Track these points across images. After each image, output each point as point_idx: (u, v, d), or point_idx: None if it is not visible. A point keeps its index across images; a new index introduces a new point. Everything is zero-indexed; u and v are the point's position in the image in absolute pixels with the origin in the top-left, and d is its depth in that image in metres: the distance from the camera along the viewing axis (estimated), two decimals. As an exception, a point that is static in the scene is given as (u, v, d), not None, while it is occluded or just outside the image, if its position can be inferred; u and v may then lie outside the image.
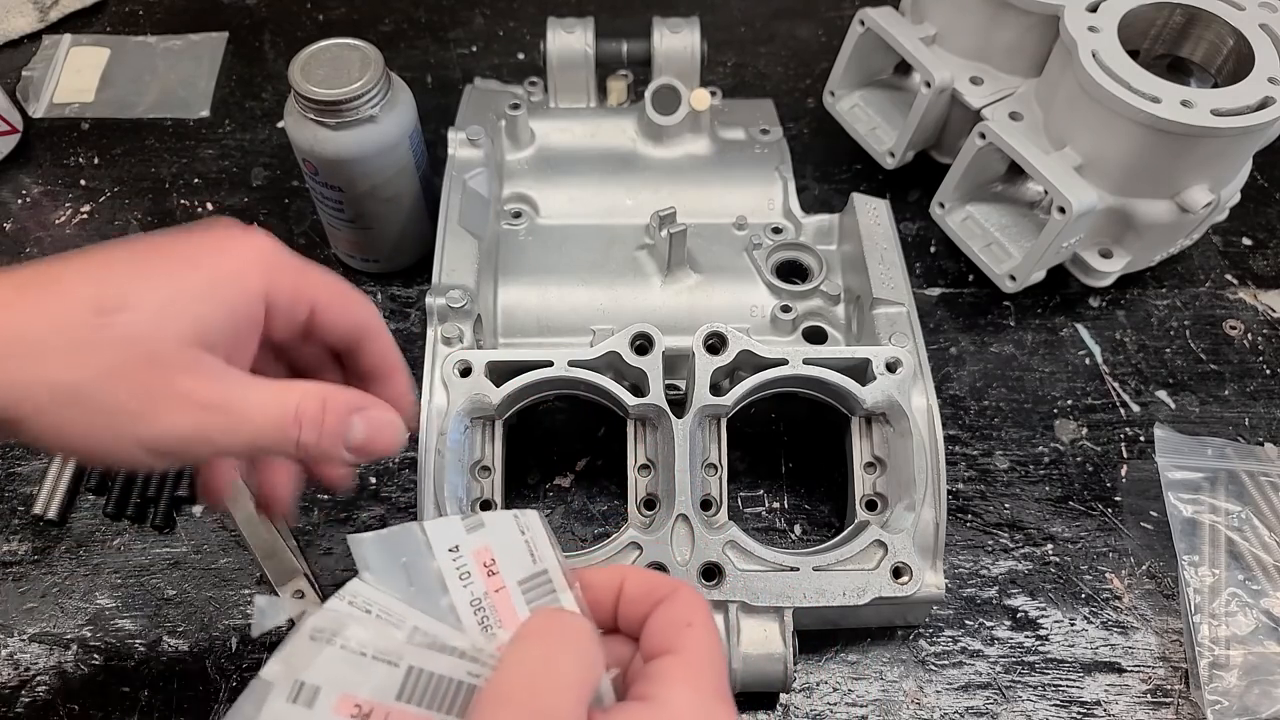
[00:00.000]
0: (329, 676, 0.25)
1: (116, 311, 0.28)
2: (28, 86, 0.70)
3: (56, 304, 0.28)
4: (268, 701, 0.24)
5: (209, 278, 0.30)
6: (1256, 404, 0.56)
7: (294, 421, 0.30)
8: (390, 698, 0.25)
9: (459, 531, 0.29)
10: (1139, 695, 0.46)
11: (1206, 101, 0.49)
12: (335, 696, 0.25)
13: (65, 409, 0.28)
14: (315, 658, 0.25)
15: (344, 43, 0.52)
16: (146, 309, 0.29)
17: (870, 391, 0.45)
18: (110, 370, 0.28)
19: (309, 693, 0.24)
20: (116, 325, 0.28)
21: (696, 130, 0.60)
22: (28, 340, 0.28)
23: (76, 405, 0.28)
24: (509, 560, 0.29)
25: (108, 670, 0.46)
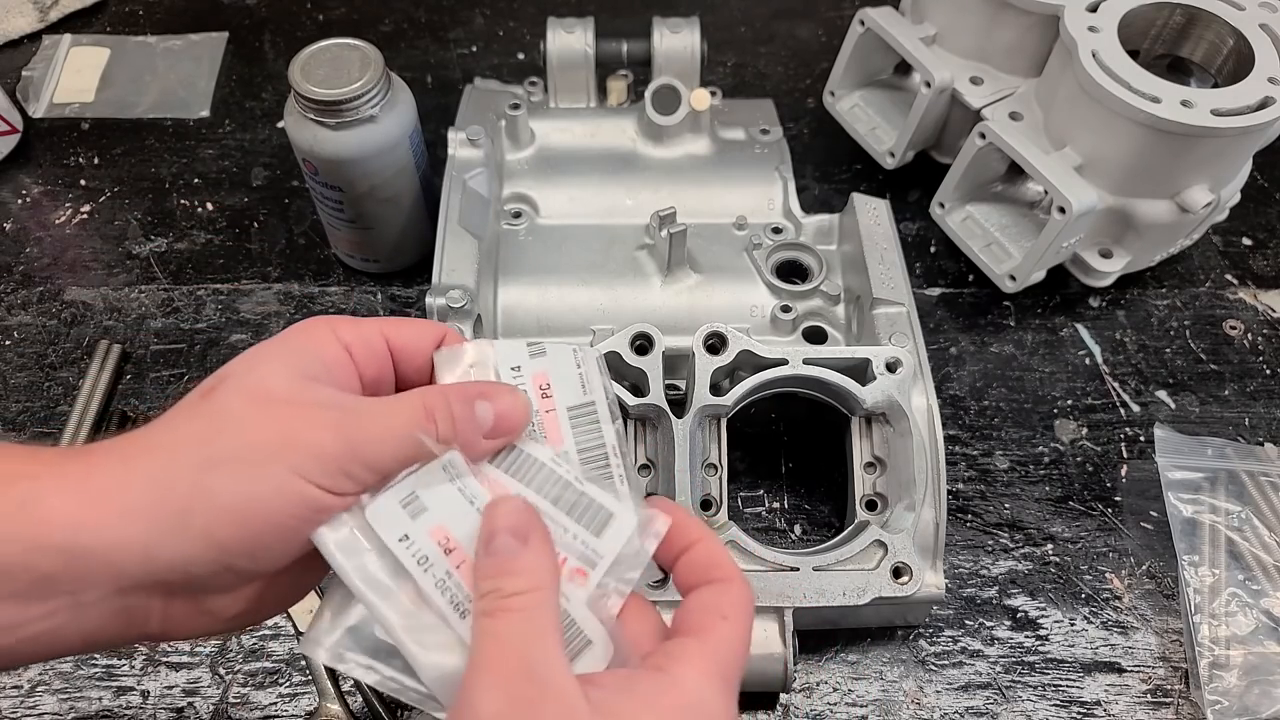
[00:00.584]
0: (439, 504, 0.28)
1: (217, 385, 0.28)
2: (28, 86, 0.70)
3: (164, 421, 0.28)
4: (382, 495, 0.28)
5: (280, 341, 0.30)
6: (1256, 404, 0.56)
7: (427, 417, 0.29)
8: (471, 550, 0.28)
9: (523, 354, 0.33)
10: (1139, 695, 0.46)
11: (1206, 101, 0.49)
12: (434, 523, 0.28)
13: (212, 478, 0.26)
14: (436, 485, 0.29)
15: (344, 43, 0.52)
16: (237, 369, 0.29)
17: (870, 391, 0.45)
18: (237, 422, 0.27)
19: (417, 507, 0.28)
20: (218, 395, 0.28)
21: (696, 130, 0.60)
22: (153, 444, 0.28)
23: (220, 469, 0.27)
24: (562, 387, 0.32)
25: (108, 670, 0.46)
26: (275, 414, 0.27)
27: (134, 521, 0.26)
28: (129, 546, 0.26)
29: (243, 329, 0.59)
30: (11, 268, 0.61)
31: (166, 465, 0.27)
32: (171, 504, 0.26)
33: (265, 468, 0.27)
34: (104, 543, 0.26)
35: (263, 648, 0.47)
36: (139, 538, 0.26)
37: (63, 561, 0.26)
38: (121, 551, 0.26)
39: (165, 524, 0.26)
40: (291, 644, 0.47)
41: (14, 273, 0.61)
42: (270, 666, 0.47)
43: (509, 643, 0.26)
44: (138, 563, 0.26)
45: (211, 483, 0.26)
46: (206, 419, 0.28)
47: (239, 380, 0.28)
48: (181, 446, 0.27)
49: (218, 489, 0.26)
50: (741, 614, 0.29)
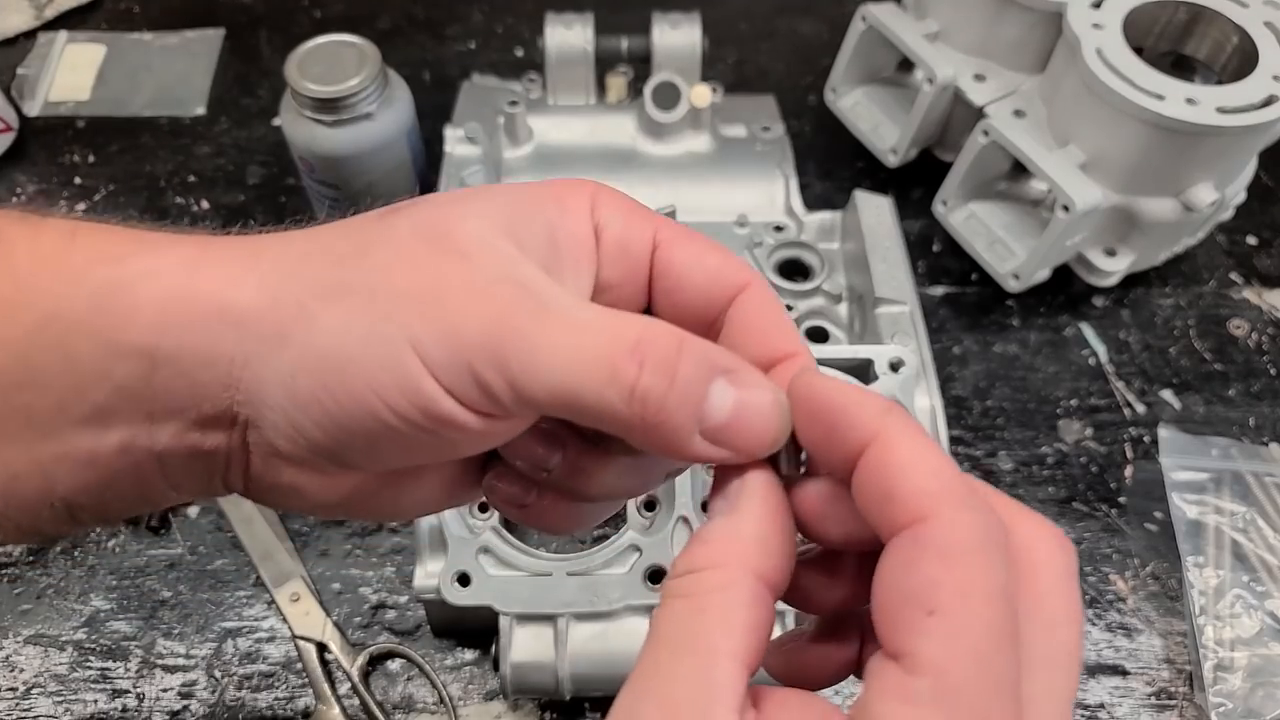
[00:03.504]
0: None
1: (397, 209, 0.21)
2: (23, 84, 0.70)
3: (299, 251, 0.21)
4: None
5: (516, 189, 0.22)
6: (1261, 404, 0.56)
7: (632, 354, 0.19)
8: None
9: None
10: (1143, 698, 0.46)
11: (1211, 99, 0.49)
12: None
13: (323, 309, 0.19)
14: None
15: (341, 39, 0.51)
16: (437, 198, 0.21)
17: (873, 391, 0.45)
18: (377, 255, 0.20)
19: None
20: (390, 217, 0.21)
21: (697, 127, 0.59)
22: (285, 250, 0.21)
23: (338, 303, 0.19)
24: None
25: (103, 673, 0.46)
26: (437, 262, 0.20)
27: (228, 330, 0.20)
28: (216, 362, 0.20)
29: (239, 328, 0.58)
30: (6, 266, 0.61)
31: (288, 274, 0.20)
32: (272, 322, 0.20)
33: (382, 324, 0.19)
34: (190, 352, 0.20)
35: (259, 651, 0.47)
36: (227, 351, 0.20)
37: (142, 371, 0.20)
38: (207, 369, 0.20)
39: (257, 345, 0.20)
40: (288, 647, 0.47)
41: (8, 271, 0.61)
42: (266, 669, 0.46)
43: (657, 642, 0.18)
44: (220, 385, 0.20)
45: (319, 314, 0.20)
46: (359, 237, 0.21)
47: (425, 210, 0.21)
48: (315, 258, 0.20)
49: (321, 324, 0.20)
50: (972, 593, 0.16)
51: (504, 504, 0.24)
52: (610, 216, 0.22)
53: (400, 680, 0.46)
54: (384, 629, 0.47)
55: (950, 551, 0.17)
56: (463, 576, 0.42)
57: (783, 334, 0.22)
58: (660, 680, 0.18)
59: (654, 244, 0.22)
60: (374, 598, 0.48)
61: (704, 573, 0.19)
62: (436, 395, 0.19)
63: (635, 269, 0.22)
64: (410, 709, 0.45)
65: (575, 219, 0.22)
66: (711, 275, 0.22)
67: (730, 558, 0.19)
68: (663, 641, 0.18)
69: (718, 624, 0.18)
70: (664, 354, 0.19)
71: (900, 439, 0.18)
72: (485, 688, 0.46)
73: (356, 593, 0.48)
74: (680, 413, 0.19)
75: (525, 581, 0.42)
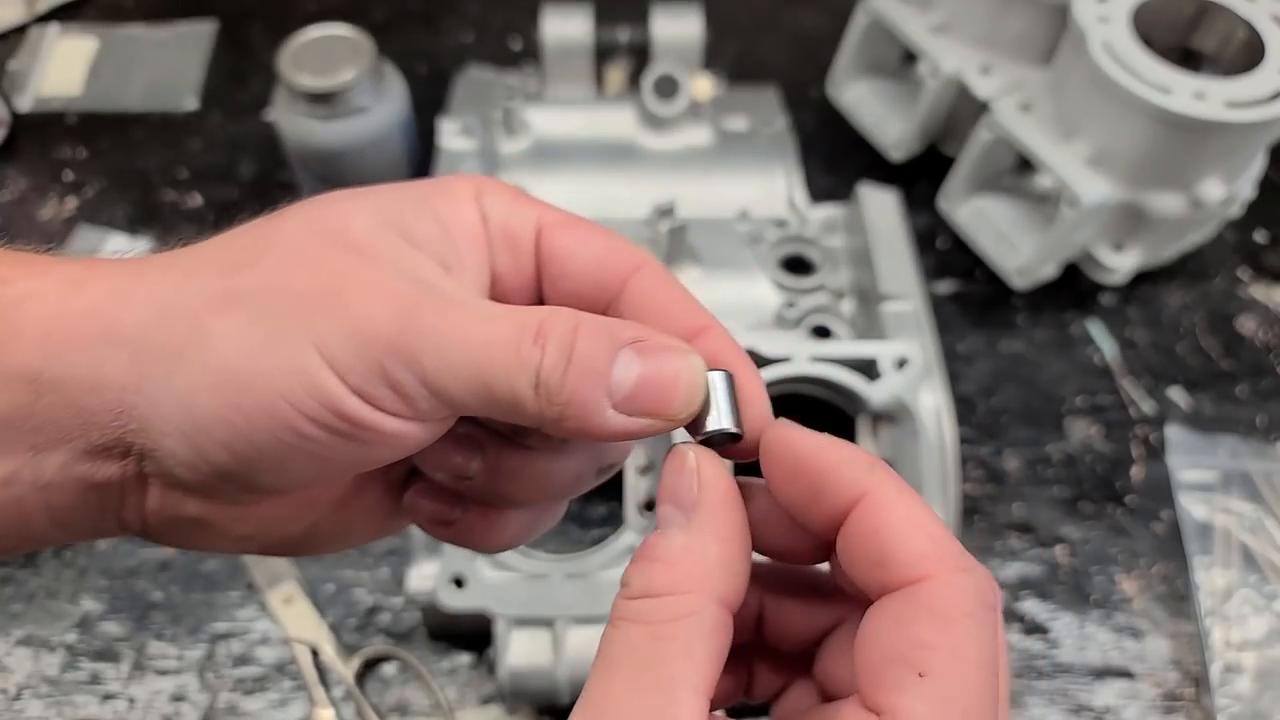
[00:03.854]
0: None
1: (284, 212, 0.20)
2: (14, 79, 0.69)
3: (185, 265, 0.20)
4: None
5: (402, 186, 0.21)
6: (1270, 402, 0.55)
7: (535, 339, 0.18)
8: None
9: None
10: (1151, 701, 0.45)
11: (1219, 93, 0.48)
12: None
13: (214, 322, 0.18)
14: None
15: (334, 31, 0.50)
16: (324, 198, 0.21)
17: (878, 389, 0.44)
18: (270, 258, 0.19)
19: None
20: (279, 220, 0.20)
21: (697, 120, 0.58)
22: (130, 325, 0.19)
23: (227, 315, 0.18)
24: None
25: (94, 676, 0.45)
26: (334, 261, 0.19)
27: (116, 352, 0.19)
28: (104, 387, 0.19)
29: (232, 325, 0.57)
30: (-4, 262, 0.60)
31: (176, 288, 0.19)
32: (163, 341, 0.19)
33: (283, 328, 0.18)
34: (77, 376, 0.19)
35: (252, 653, 0.46)
36: (117, 376, 0.19)
37: (27, 396, 0.19)
38: (95, 394, 0.19)
39: (149, 366, 0.19)
40: (281, 650, 0.46)
41: None
42: (259, 673, 0.45)
43: (611, 666, 0.18)
44: (110, 413, 0.19)
45: (213, 326, 0.18)
46: (248, 243, 0.20)
47: (315, 210, 0.21)
48: (204, 270, 0.19)
49: (216, 336, 0.18)
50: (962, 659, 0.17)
51: (429, 523, 0.23)
52: (493, 205, 0.21)
53: (395, 684, 0.45)
54: (378, 632, 0.47)
55: (946, 615, 0.17)
56: (458, 579, 0.42)
57: (686, 310, 0.21)
58: (617, 713, 0.17)
59: (538, 230, 0.22)
60: (368, 600, 0.47)
61: (665, 599, 0.18)
62: (347, 398, 0.18)
63: (522, 257, 0.22)
64: (406, 713, 0.45)
65: (463, 210, 0.21)
66: (599, 259, 0.21)
67: (694, 583, 0.18)
68: (617, 669, 0.17)
69: (680, 655, 0.17)
70: (562, 333, 0.19)
71: (891, 500, 0.18)
72: (481, 691, 0.45)
73: (350, 595, 0.47)
74: (584, 387, 0.18)
75: (522, 584, 0.42)
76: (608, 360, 0.19)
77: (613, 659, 0.18)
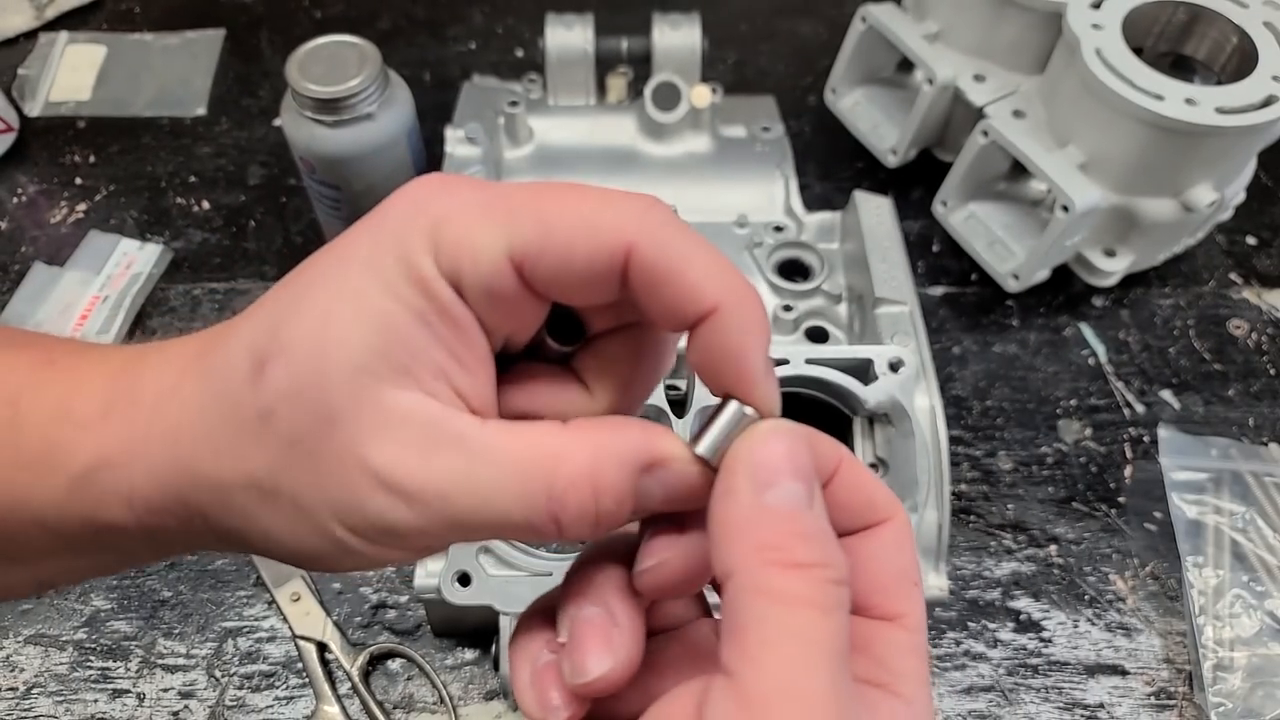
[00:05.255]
0: None
1: (270, 360, 0.20)
2: (24, 85, 0.70)
3: (219, 371, 0.21)
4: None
5: (366, 262, 0.20)
6: (1261, 404, 0.56)
7: (547, 515, 0.19)
8: None
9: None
10: (1142, 698, 0.46)
11: (1210, 99, 0.49)
12: None
13: (257, 504, 0.21)
14: None
15: (341, 40, 0.51)
16: (298, 345, 0.20)
17: (873, 391, 0.45)
18: (288, 449, 0.20)
19: None
20: (271, 382, 0.20)
21: (697, 128, 0.59)
22: (194, 424, 0.21)
23: (267, 500, 0.20)
24: None
25: (104, 673, 0.46)
26: (332, 460, 0.19)
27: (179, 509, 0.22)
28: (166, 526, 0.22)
29: (240, 328, 0.58)
30: (7, 266, 0.61)
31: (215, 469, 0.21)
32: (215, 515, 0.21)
33: (317, 526, 0.20)
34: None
35: (259, 650, 0.47)
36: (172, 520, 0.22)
37: (112, 536, 0.22)
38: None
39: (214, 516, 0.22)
40: (288, 647, 0.47)
41: (10, 271, 0.61)
42: (267, 669, 0.46)
43: (839, 661, 0.18)
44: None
45: (253, 511, 0.21)
46: (256, 428, 0.20)
47: (288, 367, 0.20)
48: (227, 457, 0.21)
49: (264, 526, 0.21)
50: (918, 566, 0.22)
51: None
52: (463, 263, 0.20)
53: (400, 680, 0.46)
54: (384, 629, 0.47)
55: (912, 538, 0.22)
56: (463, 576, 0.42)
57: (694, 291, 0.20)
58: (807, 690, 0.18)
59: (514, 259, 0.20)
60: (374, 597, 0.48)
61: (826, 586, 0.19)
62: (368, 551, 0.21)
63: (509, 294, 0.20)
64: (410, 708, 0.45)
65: (434, 296, 0.20)
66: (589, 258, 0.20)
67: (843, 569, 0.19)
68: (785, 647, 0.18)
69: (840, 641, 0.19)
70: (581, 500, 0.19)
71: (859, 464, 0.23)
72: (485, 687, 0.46)
73: (357, 592, 0.48)
74: (608, 527, 0.20)
75: (526, 581, 0.43)
76: (630, 498, 0.20)
77: (776, 635, 0.18)
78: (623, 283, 0.20)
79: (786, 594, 0.18)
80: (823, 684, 0.17)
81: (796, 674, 0.17)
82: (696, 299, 0.20)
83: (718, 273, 0.20)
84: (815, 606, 0.18)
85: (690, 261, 0.20)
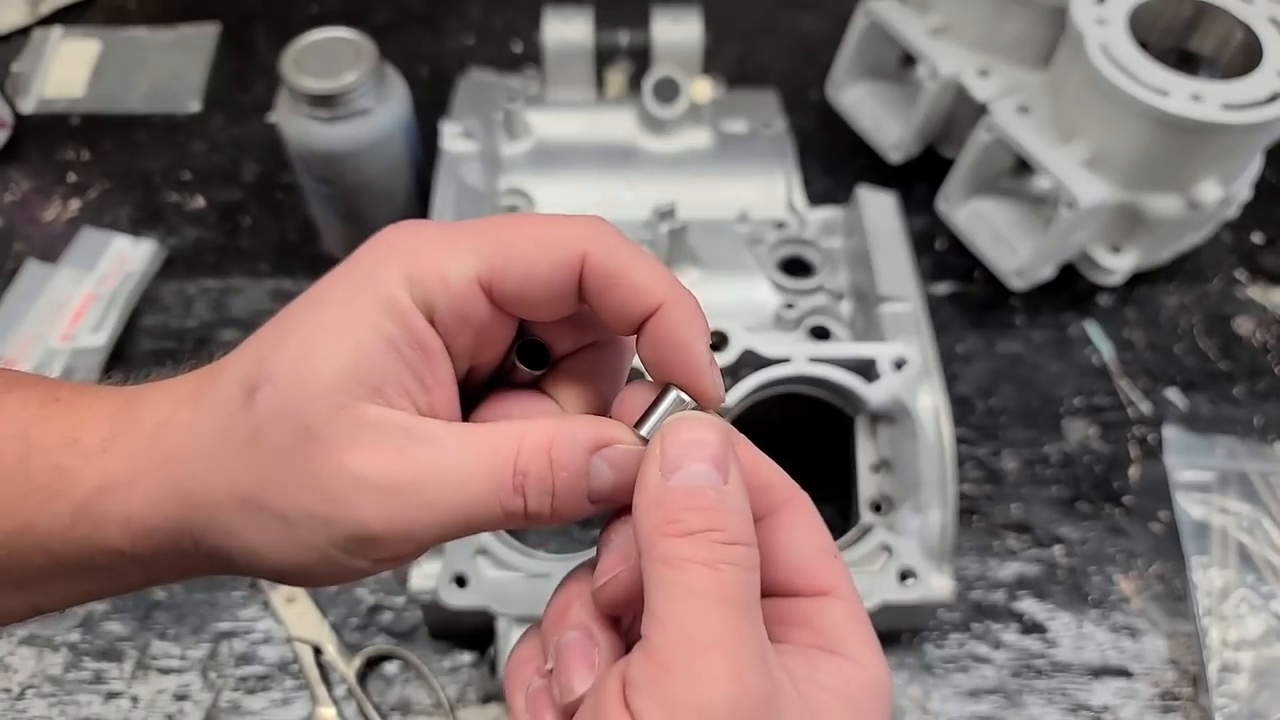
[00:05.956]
0: None
1: (259, 388, 0.22)
2: (17, 81, 0.69)
3: (214, 400, 0.23)
4: None
5: (342, 300, 0.23)
6: (1267, 403, 0.55)
7: (513, 488, 0.22)
8: None
9: None
10: (1148, 700, 0.46)
11: (1216, 95, 0.48)
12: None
13: (244, 520, 0.22)
14: None
15: (337, 34, 0.51)
16: (282, 372, 0.22)
17: (876, 390, 0.44)
18: (274, 465, 0.22)
19: None
20: (259, 406, 0.22)
21: (697, 122, 0.58)
22: (190, 449, 0.23)
23: (253, 516, 0.22)
24: None
25: (98, 675, 0.45)
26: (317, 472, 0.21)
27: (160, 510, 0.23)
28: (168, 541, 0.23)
29: (233, 327, 0.58)
30: (1, 264, 0.60)
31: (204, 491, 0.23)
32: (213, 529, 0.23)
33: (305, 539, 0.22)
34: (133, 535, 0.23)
35: (254, 653, 0.46)
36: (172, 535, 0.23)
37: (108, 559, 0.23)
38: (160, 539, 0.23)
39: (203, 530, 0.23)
40: (283, 649, 0.46)
41: (3, 269, 0.60)
42: (262, 671, 0.46)
43: (735, 608, 0.20)
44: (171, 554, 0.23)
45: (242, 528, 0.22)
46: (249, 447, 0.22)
47: (274, 389, 0.22)
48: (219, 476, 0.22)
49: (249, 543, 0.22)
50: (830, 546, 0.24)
51: None
52: (434, 293, 0.22)
53: (397, 682, 0.46)
54: (380, 631, 0.47)
55: (816, 518, 0.24)
56: (459, 578, 0.42)
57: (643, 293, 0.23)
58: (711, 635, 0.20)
59: (483, 282, 0.23)
60: (370, 599, 0.48)
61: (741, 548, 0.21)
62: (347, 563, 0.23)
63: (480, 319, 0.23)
64: (407, 711, 0.45)
65: (405, 322, 0.22)
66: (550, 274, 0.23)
67: (749, 534, 0.21)
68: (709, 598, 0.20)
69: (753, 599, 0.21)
70: (538, 473, 0.22)
71: (754, 452, 0.24)
72: (483, 690, 0.45)
73: (352, 594, 0.48)
74: (565, 509, 0.23)
75: (523, 583, 0.42)
76: (584, 475, 0.22)
77: (693, 596, 0.20)
78: (580, 294, 0.23)
79: (677, 557, 0.20)
80: (715, 629, 0.19)
81: (690, 623, 0.19)
82: (644, 297, 0.23)
83: (660, 275, 0.23)
84: (702, 563, 0.20)
85: (635, 266, 0.23)
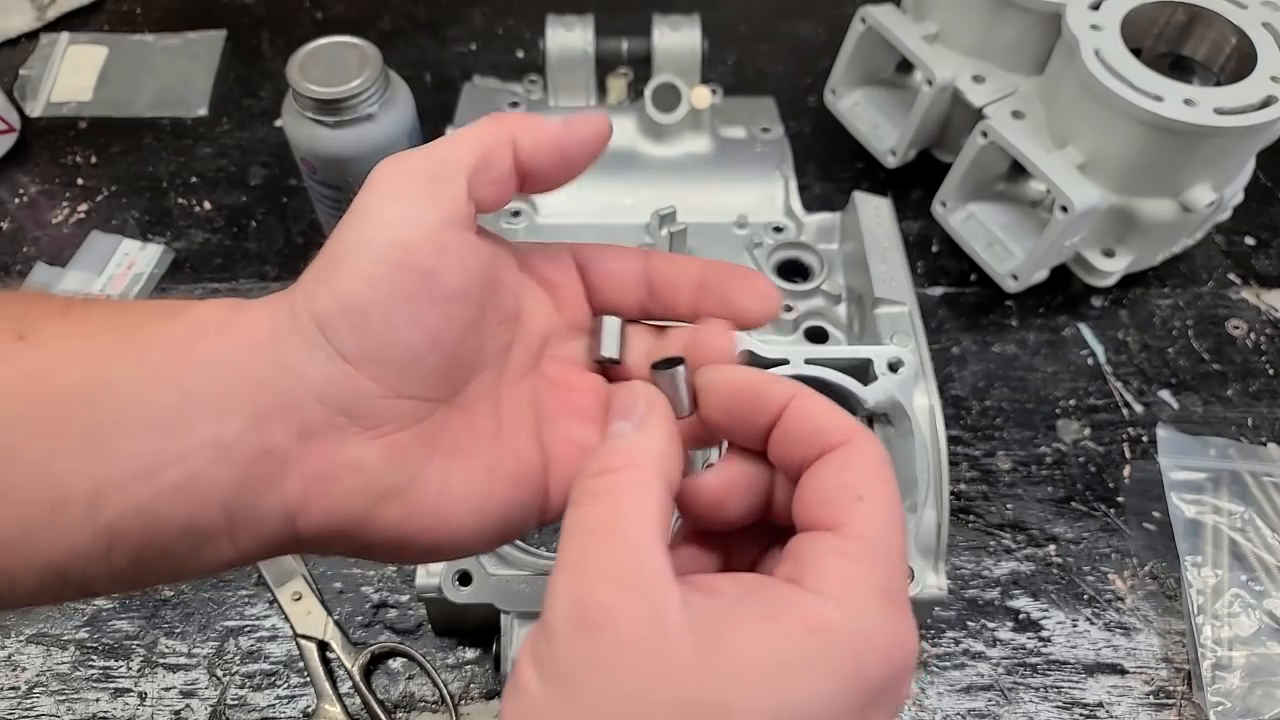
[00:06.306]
0: None
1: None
2: (25, 85, 0.70)
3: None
4: None
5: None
6: (1259, 404, 0.56)
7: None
8: None
9: None
10: (1141, 697, 0.46)
11: (1209, 100, 0.49)
12: None
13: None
14: None
15: (342, 41, 0.51)
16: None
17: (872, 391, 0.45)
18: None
19: None
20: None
21: (697, 128, 0.59)
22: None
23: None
24: None
25: (105, 671, 0.46)
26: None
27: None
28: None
29: (241, 328, 0.58)
30: (9, 267, 0.61)
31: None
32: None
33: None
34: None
35: (260, 649, 0.47)
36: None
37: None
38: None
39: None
40: (289, 646, 0.47)
41: (11, 272, 0.61)
42: (268, 668, 0.46)
43: (583, 532, 0.21)
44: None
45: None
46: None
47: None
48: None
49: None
50: (882, 486, 0.23)
51: None
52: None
53: (402, 679, 0.46)
54: (385, 628, 0.47)
55: (874, 460, 0.23)
56: (464, 575, 0.43)
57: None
58: (598, 561, 0.21)
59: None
60: (375, 597, 0.48)
61: (621, 472, 0.22)
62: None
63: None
64: (412, 708, 0.45)
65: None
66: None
67: (645, 461, 0.23)
68: (589, 534, 0.22)
69: (639, 514, 0.21)
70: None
71: (814, 397, 0.24)
72: (487, 686, 0.46)
73: (358, 591, 0.48)
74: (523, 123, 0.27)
75: (527, 579, 0.43)
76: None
77: (580, 527, 0.22)
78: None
79: (580, 495, 0.22)
80: (603, 554, 0.21)
81: (581, 553, 0.21)
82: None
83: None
84: (596, 495, 0.22)
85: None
